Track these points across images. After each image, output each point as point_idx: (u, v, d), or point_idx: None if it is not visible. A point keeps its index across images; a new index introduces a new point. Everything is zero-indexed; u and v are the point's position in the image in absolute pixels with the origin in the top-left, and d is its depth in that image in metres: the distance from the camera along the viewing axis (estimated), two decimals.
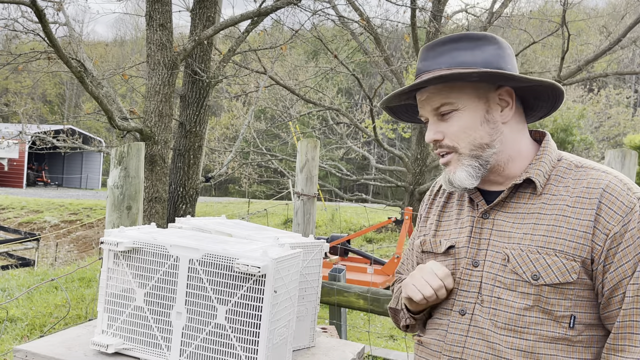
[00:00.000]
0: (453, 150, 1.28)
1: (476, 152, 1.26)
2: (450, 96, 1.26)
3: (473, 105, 1.26)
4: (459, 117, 1.26)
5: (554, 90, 1.29)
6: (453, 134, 1.27)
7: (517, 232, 1.24)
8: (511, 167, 1.29)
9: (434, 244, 1.38)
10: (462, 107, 1.26)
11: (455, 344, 1.26)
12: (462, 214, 1.36)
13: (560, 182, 1.25)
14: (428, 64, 1.29)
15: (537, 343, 1.18)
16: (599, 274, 1.17)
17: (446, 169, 1.31)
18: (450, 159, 1.29)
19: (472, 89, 1.26)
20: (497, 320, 1.22)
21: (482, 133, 1.26)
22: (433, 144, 1.31)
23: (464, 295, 1.28)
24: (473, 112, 1.26)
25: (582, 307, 1.19)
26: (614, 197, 1.18)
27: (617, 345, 1.15)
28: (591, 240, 1.17)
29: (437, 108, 1.28)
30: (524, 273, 1.20)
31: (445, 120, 1.28)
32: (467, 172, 1.27)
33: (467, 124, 1.26)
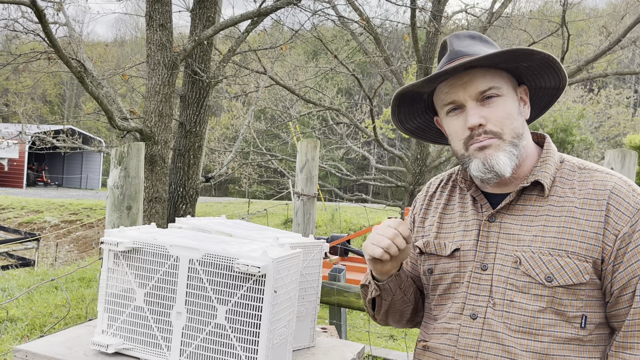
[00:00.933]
0: (496, 136, 1.24)
1: (515, 141, 1.25)
2: (496, 80, 1.25)
3: (512, 94, 1.28)
4: (504, 103, 1.25)
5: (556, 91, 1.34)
6: (498, 118, 1.24)
7: (527, 235, 1.23)
8: (523, 166, 1.29)
9: (437, 246, 1.37)
10: (506, 94, 1.26)
11: (469, 348, 1.25)
12: (466, 216, 1.35)
13: (566, 184, 1.26)
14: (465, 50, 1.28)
15: (551, 344, 1.19)
16: (608, 273, 1.19)
17: (485, 152, 1.24)
18: (491, 143, 1.24)
19: (509, 80, 1.29)
20: (511, 323, 1.22)
21: (520, 122, 1.27)
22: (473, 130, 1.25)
23: (474, 299, 1.27)
24: (513, 101, 1.28)
25: (592, 306, 1.20)
26: (621, 198, 1.20)
27: (627, 343, 1.17)
28: (602, 241, 1.18)
29: (483, 91, 1.24)
30: (537, 275, 1.20)
31: (487, 105, 1.25)
32: (509, 157, 1.24)
33: (511, 110, 1.26)
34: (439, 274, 1.36)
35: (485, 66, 1.25)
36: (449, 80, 1.28)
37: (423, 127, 1.49)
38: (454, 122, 1.29)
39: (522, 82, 1.34)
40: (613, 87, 24.94)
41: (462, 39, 1.32)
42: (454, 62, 1.26)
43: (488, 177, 1.25)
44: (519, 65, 1.27)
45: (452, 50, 1.30)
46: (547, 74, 1.30)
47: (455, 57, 1.28)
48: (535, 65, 1.27)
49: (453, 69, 1.23)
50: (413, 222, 1.51)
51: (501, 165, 1.23)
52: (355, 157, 20.82)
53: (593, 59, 9.76)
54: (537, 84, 1.35)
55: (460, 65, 1.22)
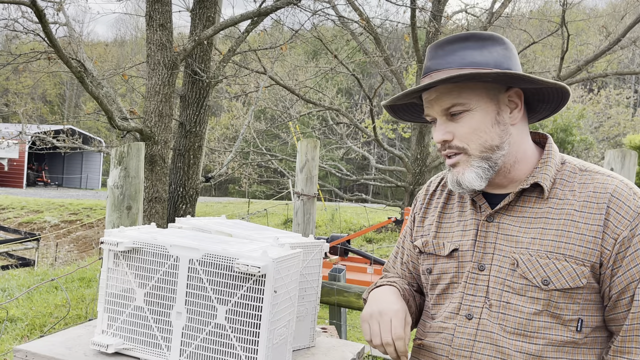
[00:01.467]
0: (462, 152, 1.25)
1: (486, 154, 1.24)
2: (462, 96, 1.23)
3: (484, 106, 1.24)
4: (470, 118, 1.23)
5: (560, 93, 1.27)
6: (464, 135, 1.24)
7: (525, 237, 1.23)
8: (517, 170, 1.28)
9: (436, 246, 1.37)
10: (474, 108, 1.23)
11: (463, 348, 1.25)
12: (464, 216, 1.35)
13: (566, 186, 1.25)
14: (438, 62, 1.26)
15: (546, 347, 1.19)
16: (606, 277, 1.18)
17: (454, 169, 1.27)
18: (459, 160, 1.26)
19: (484, 90, 1.24)
20: (507, 325, 1.22)
21: (492, 135, 1.24)
22: (441, 145, 1.28)
23: (470, 300, 1.27)
24: (484, 113, 1.24)
25: (589, 310, 1.20)
26: (621, 201, 1.18)
27: (625, 348, 1.16)
28: (600, 245, 1.17)
29: (447, 108, 1.24)
30: (534, 278, 1.19)
31: (455, 121, 1.25)
32: (476, 173, 1.24)
33: (478, 125, 1.23)
34: (437, 273, 1.36)
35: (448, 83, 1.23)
36: (424, 93, 1.29)
37: None
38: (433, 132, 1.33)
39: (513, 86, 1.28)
40: (613, 87, 24.94)
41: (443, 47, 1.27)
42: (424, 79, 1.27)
43: (459, 191, 1.29)
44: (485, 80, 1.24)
45: (425, 65, 1.31)
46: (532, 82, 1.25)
47: (426, 73, 1.28)
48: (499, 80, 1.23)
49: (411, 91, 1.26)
50: (413, 222, 1.50)
51: (467, 182, 1.25)
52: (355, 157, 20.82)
53: (593, 59, 9.76)
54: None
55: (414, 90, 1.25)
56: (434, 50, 1.28)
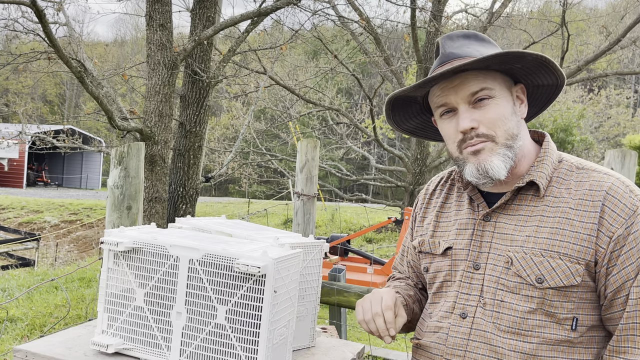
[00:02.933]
0: (489, 139, 1.23)
1: (510, 142, 1.24)
2: (487, 82, 1.23)
3: (506, 95, 1.26)
4: (496, 104, 1.23)
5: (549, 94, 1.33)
6: (490, 121, 1.23)
7: (520, 235, 1.23)
8: (521, 165, 1.28)
9: (432, 245, 1.38)
10: (499, 95, 1.24)
11: (457, 347, 1.25)
12: (461, 215, 1.35)
13: (562, 184, 1.24)
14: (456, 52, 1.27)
15: (540, 346, 1.18)
16: (601, 276, 1.17)
17: (479, 156, 1.24)
18: (485, 147, 1.23)
19: (503, 80, 1.26)
20: (501, 324, 1.21)
21: (513, 123, 1.25)
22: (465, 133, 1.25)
23: (465, 299, 1.27)
24: (506, 102, 1.25)
25: (584, 309, 1.19)
26: (616, 199, 1.18)
27: (620, 347, 1.15)
28: (595, 243, 1.16)
29: (474, 93, 1.23)
30: (528, 276, 1.19)
31: (479, 108, 1.24)
32: (502, 161, 1.23)
33: (504, 112, 1.24)
34: (433, 272, 1.37)
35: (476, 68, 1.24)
36: (441, 83, 1.27)
37: (422, 127, 1.49)
38: (447, 125, 1.29)
39: (518, 81, 1.32)
40: (613, 87, 24.95)
41: (454, 40, 1.30)
42: (445, 66, 1.25)
43: (483, 182, 1.26)
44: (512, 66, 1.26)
45: (443, 53, 1.29)
46: (542, 73, 1.29)
47: (447, 60, 1.27)
48: (528, 65, 1.26)
49: (442, 74, 1.22)
50: (414, 221, 1.51)
51: (495, 169, 1.23)
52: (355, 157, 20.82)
53: (593, 59, 9.76)
54: (534, 82, 1.33)
55: (449, 71, 1.21)
56: (447, 42, 1.30)
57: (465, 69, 1.22)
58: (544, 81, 1.32)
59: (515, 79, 1.32)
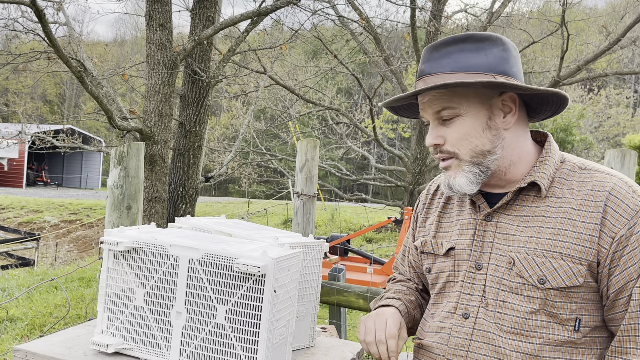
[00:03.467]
0: (454, 156, 1.26)
1: (477, 159, 1.24)
2: (453, 101, 1.23)
3: (475, 112, 1.23)
4: (461, 123, 1.24)
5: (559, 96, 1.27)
6: (454, 140, 1.24)
7: (522, 236, 1.23)
8: (513, 172, 1.28)
9: (435, 246, 1.38)
10: (465, 113, 1.23)
11: (460, 348, 1.25)
12: (463, 215, 1.35)
13: (565, 184, 1.24)
14: (431, 66, 1.26)
15: (543, 347, 1.18)
16: (604, 277, 1.17)
17: (447, 173, 1.29)
18: (451, 164, 1.27)
19: (475, 95, 1.23)
20: (503, 325, 1.21)
21: (484, 140, 1.24)
22: (434, 148, 1.29)
23: (467, 299, 1.27)
24: (475, 119, 1.23)
25: (587, 310, 1.19)
26: (619, 200, 1.17)
27: (622, 348, 1.15)
28: (597, 244, 1.16)
29: (438, 112, 1.25)
30: (531, 277, 1.19)
31: (446, 125, 1.25)
32: (467, 178, 1.25)
33: (469, 130, 1.23)
34: (435, 273, 1.37)
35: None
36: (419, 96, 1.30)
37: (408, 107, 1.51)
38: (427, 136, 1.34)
39: None
40: (613, 87, 24.94)
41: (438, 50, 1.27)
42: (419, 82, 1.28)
43: (451, 194, 1.30)
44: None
45: (419, 68, 1.31)
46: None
47: (420, 77, 1.29)
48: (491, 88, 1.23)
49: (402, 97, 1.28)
50: (416, 222, 1.51)
51: (458, 186, 1.26)
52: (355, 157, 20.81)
53: (593, 59, 9.75)
54: None
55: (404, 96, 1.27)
56: (429, 53, 1.28)
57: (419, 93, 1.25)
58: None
59: None
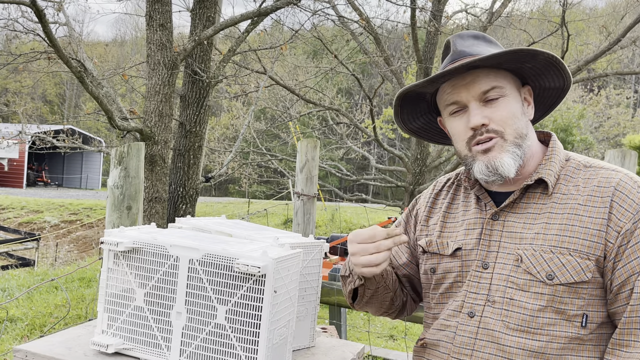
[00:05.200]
0: (499, 136, 1.24)
1: (519, 141, 1.25)
2: (500, 80, 1.25)
3: (516, 95, 1.28)
4: (507, 103, 1.25)
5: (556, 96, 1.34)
6: (501, 118, 1.24)
7: (529, 233, 1.23)
8: (528, 165, 1.29)
9: (440, 245, 1.37)
10: (509, 94, 1.26)
11: (465, 346, 1.25)
12: (468, 215, 1.35)
13: (570, 181, 1.25)
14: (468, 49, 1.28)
15: (549, 344, 1.18)
16: (608, 270, 1.18)
17: (489, 154, 1.25)
18: (494, 144, 1.24)
19: (513, 80, 1.28)
20: (509, 322, 1.21)
21: (523, 123, 1.27)
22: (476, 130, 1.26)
23: (473, 297, 1.27)
24: (516, 101, 1.27)
25: (594, 305, 1.19)
26: (625, 195, 1.18)
27: (623, 341, 1.15)
28: (604, 239, 1.17)
29: (486, 91, 1.25)
30: (538, 273, 1.19)
31: (489, 106, 1.25)
32: (512, 158, 1.24)
33: (514, 110, 1.26)
34: (441, 273, 1.36)
35: (488, 66, 1.25)
36: (452, 80, 1.28)
37: (426, 128, 1.49)
38: (457, 123, 1.29)
39: (526, 83, 1.34)
40: (613, 87, 24.95)
41: (465, 39, 1.32)
42: (457, 63, 1.26)
43: (492, 179, 1.26)
44: (523, 65, 1.27)
45: (454, 51, 1.30)
46: (551, 74, 1.30)
47: (458, 57, 1.28)
48: (538, 65, 1.27)
49: (455, 69, 1.23)
50: (415, 218, 1.50)
51: (505, 167, 1.23)
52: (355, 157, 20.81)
53: (593, 59, 9.75)
54: (542, 84, 1.34)
55: (463, 66, 1.22)
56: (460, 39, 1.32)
57: (478, 65, 1.23)
58: (552, 83, 1.33)
59: (523, 81, 1.33)
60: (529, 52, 1.21)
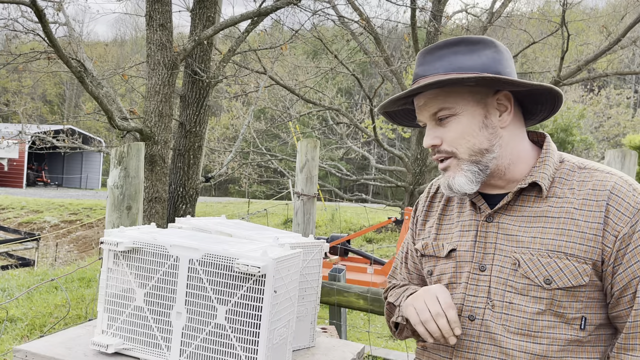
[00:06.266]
0: (452, 155, 1.27)
1: (475, 158, 1.25)
2: (448, 101, 1.24)
3: (471, 110, 1.25)
4: (457, 122, 1.25)
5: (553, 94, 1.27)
6: (451, 139, 1.25)
7: (525, 236, 1.23)
8: (512, 171, 1.28)
9: (436, 248, 1.37)
10: (460, 112, 1.24)
11: (467, 350, 1.26)
12: (463, 217, 1.35)
13: (565, 184, 1.25)
14: (425, 69, 1.27)
15: (550, 346, 1.19)
16: (608, 275, 1.18)
17: (445, 174, 1.29)
18: (449, 164, 1.27)
19: (470, 94, 1.25)
20: (510, 325, 1.22)
21: (481, 138, 1.25)
22: (431, 149, 1.30)
23: (472, 301, 1.27)
24: (471, 117, 1.25)
25: (592, 308, 1.20)
26: (620, 198, 1.18)
27: (628, 345, 1.16)
28: (601, 243, 1.17)
29: (434, 113, 1.26)
30: (536, 277, 1.19)
31: (443, 125, 1.26)
32: (466, 177, 1.25)
33: (465, 129, 1.25)
34: (437, 275, 1.36)
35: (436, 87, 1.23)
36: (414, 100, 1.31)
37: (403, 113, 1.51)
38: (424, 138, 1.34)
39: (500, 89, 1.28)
40: (613, 87, 24.96)
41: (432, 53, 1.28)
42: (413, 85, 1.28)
43: (451, 195, 1.30)
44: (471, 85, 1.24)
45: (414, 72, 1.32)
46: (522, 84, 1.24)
47: (415, 79, 1.30)
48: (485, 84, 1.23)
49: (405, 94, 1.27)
50: (415, 224, 1.50)
51: (457, 185, 1.26)
52: (355, 157, 20.82)
53: (593, 59, 9.76)
54: None
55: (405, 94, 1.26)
56: (422, 57, 1.30)
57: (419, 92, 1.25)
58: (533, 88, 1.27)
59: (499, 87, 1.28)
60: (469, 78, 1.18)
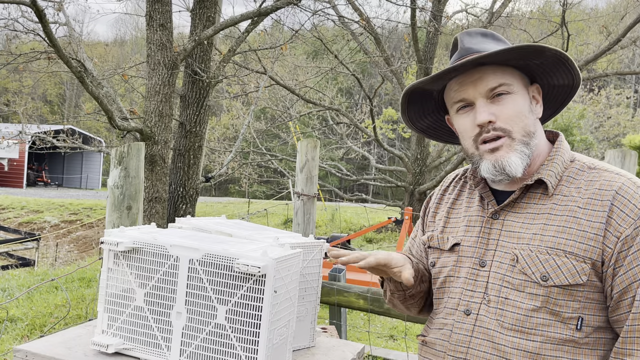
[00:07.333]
0: (506, 134, 1.23)
1: (527, 139, 1.24)
2: (507, 78, 1.24)
3: (523, 92, 1.27)
4: (513, 100, 1.24)
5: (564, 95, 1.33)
6: (507, 116, 1.23)
7: (527, 233, 1.22)
8: (534, 164, 1.28)
9: (440, 241, 1.38)
10: (517, 92, 1.25)
11: (460, 344, 1.25)
12: (471, 212, 1.35)
13: (572, 183, 1.24)
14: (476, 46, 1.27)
15: (544, 345, 1.17)
16: (608, 276, 1.16)
17: (496, 153, 1.23)
18: (502, 143, 1.23)
19: (520, 78, 1.27)
20: (504, 321, 1.21)
21: (530, 121, 1.26)
22: (482, 127, 1.25)
23: (469, 295, 1.27)
24: (524, 98, 1.26)
25: (590, 309, 1.18)
26: (626, 199, 1.16)
27: (626, 350, 1.13)
28: (602, 243, 1.15)
29: (493, 88, 1.24)
30: (533, 274, 1.19)
31: (497, 103, 1.24)
32: (520, 157, 1.23)
33: (521, 108, 1.24)
34: (439, 267, 1.37)
35: (496, 63, 1.24)
36: (459, 77, 1.27)
37: (434, 127, 1.48)
38: (464, 120, 1.28)
39: (534, 81, 1.32)
40: (613, 87, 24.95)
41: (473, 36, 1.31)
42: (464, 59, 1.25)
43: (499, 178, 1.25)
44: (531, 62, 1.26)
45: (462, 47, 1.30)
46: (559, 72, 1.28)
47: (466, 54, 1.27)
48: (546, 62, 1.26)
49: (462, 65, 1.22)
50: (426, 215, 1.51)
51: (512, 166, 1.22)
52: (355, 157, 20.81)
53: (593, 59, 9.76)
54: (550, 82, 1.33)
55: (470, 62, 1.21)
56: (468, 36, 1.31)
57: (485, 62, 1.23)
58: (560, 81, 1.32)
59: (532, 79, 1.32)
60: (536, 48, 1.19)
